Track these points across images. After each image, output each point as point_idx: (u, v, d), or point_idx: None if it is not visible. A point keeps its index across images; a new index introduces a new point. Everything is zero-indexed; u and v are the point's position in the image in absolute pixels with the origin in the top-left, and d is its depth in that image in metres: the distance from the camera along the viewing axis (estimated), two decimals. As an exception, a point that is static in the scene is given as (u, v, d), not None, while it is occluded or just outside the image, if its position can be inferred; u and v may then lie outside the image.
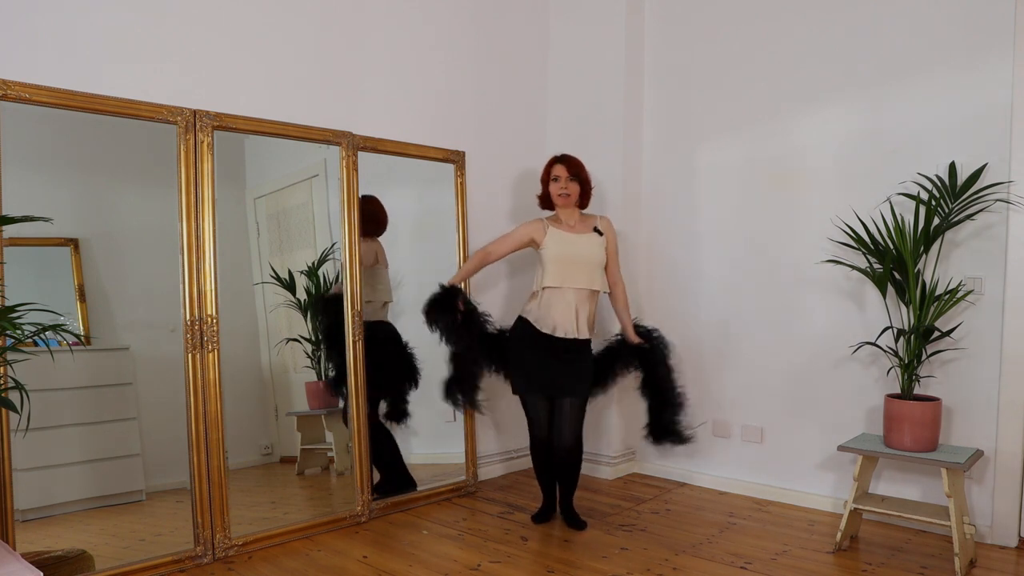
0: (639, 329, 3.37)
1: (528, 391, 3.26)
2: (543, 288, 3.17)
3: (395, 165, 3.54)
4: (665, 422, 3.31)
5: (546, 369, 3.18)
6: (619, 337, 3.39)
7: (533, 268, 3.31)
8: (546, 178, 3.29)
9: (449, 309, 3.20)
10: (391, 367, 3.52)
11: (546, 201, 3.33)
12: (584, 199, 3.29)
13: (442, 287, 3.25)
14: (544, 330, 3.16)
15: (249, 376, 3.29)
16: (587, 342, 3.24)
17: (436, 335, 3.23)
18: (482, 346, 3.30)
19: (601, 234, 3.26)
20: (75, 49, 2.60)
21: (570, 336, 3.15)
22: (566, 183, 3.22)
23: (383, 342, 3.47)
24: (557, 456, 3.25)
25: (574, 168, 3.24)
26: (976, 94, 3.04)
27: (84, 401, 2.79)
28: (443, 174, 3.76)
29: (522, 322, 3.23)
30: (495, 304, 3.98)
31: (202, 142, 2.82)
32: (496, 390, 4.00)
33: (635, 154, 4.07)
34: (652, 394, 3.33)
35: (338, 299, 3.27)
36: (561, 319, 3.14)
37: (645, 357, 3.32)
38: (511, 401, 4.07)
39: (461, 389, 3.31)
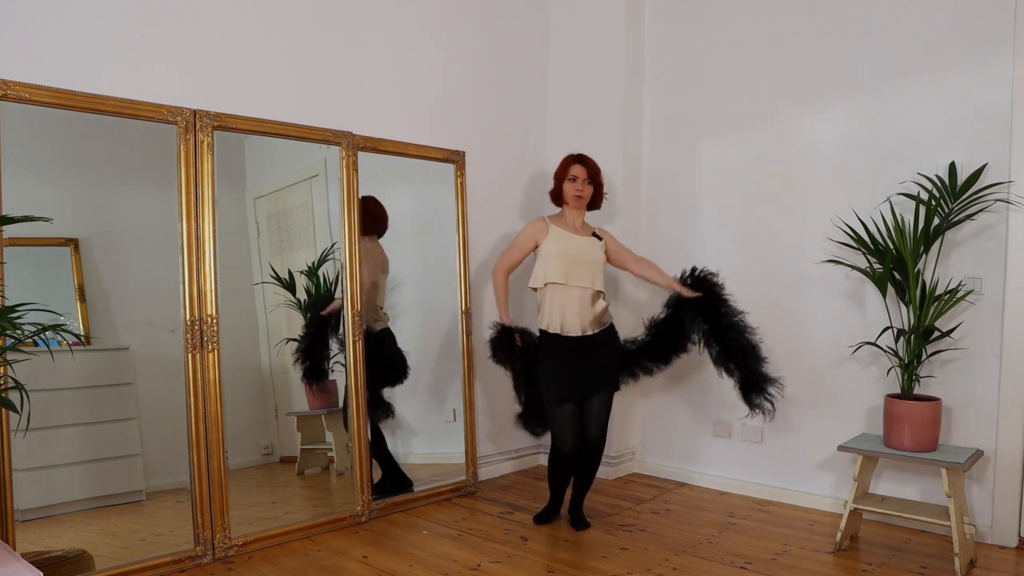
0: (690, 279, 3.20)
1: (559, 402, 3.13)
2: (546, 284, 3.14)
3: (395, 165, 3.54)
4: (752, 373, 3.09)
5: (571, 372, 3.12)
6: (667, 309, 3.24)
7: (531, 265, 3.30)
8: (562, 175, 3.26)
9: (510, 347, 3.21)
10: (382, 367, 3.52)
11: (558, 197, 3.30)
12: (597, 201, 3.30)
13: (499, 327, 3.24)
14: (553, 331, 3.13)
15: (249, 376, 3.29)
16: (605, 334, 3.18)
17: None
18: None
19: (600, 239, 3.26)
20: (75, 49, 2.60)
21: (577, 335, 3.12)
22: (583, 185, 3.21)
23: (380, 346, 3.49)
24: (585, 454, 3.19)
25: (592, 170, 3.24)
26: (976, 94, 3.04)
27: (84, 401, 2.79)
28: (443, 174, 3.76)
29: (541, 334, 3.21)
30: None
31: (202, 142, 2.82)
32: (496, 390, 4.01)
33: (635, 154, 4.07)
34: (725, 347, 3.11)
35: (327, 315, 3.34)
36: (568, 318, 3.11)
37: (703, 307, 3.14)
38: (509, 401, 4.08)
39: (539, 421, 3.34)
